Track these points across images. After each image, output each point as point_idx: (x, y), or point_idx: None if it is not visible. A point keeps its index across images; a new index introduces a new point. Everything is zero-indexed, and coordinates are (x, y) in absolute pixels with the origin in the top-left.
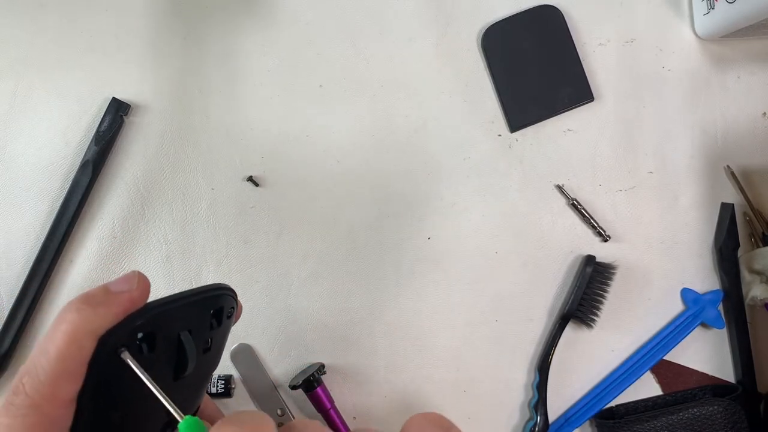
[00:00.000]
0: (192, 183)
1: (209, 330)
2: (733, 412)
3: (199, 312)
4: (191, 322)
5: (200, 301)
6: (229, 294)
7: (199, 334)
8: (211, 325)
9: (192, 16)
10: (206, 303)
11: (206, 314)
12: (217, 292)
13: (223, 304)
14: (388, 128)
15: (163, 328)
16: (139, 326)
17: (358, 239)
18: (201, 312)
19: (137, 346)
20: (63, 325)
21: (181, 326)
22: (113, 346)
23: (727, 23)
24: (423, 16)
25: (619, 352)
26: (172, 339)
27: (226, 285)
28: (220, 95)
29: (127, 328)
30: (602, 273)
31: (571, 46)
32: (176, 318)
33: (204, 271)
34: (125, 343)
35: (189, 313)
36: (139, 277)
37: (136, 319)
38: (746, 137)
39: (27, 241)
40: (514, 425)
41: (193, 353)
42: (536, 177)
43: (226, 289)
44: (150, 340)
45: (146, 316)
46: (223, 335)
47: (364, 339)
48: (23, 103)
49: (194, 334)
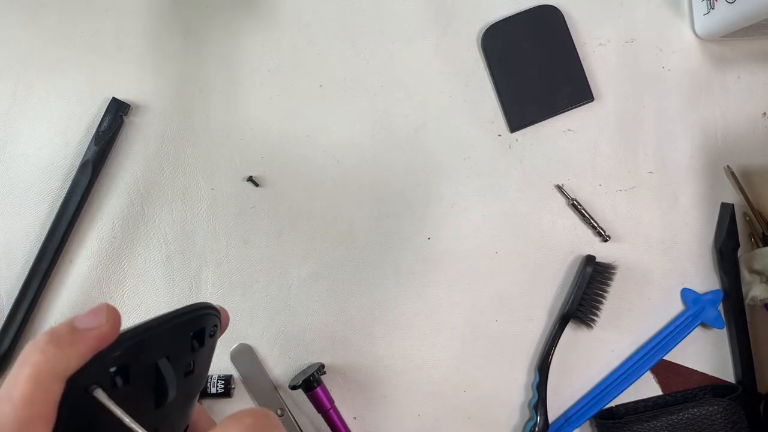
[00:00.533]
0: (192, 183)
1: (190, 353)
2: (733, 412)
3: (177, 336)
4: (169, 348)
5: (178, 326)
6: (209, 312)
7: (179, 359)
8: (192, 347)
9: (192, 17)
10: (184, 326)
11: (185, 337)
12: (197, 313)
13: (204, 325)
14: (388, 128)
15: (138, 358)
16: (110, 361)
17: (358, 239)
18: (179, 336)
19: (110, 380)
20: (25, 368)
21: (159, 353)
22: (83, 386)
23: (727, 23)
24: (423, 16)
25: (619, 352)
26: (150, 368)
27: (205, 304)
28: (220, 95)
29: (98, 366)
30: (602, 273)
31: (571, 46)
32: (152, 346)
33: (204, 271)
34: (97, 381)
35: (166, 339)
36: (108, 310)
37: (107, 356)
38: (746, 137)
39: (27, 241)
40: (514, 425)
41: (173, 380)
42: (536, 177)
43: (206, 307)
44: (124, 372)
45: (118, 350)
46: (207, 354)
47: (364, 339)
48: (23, 103)
49: (174, 360)
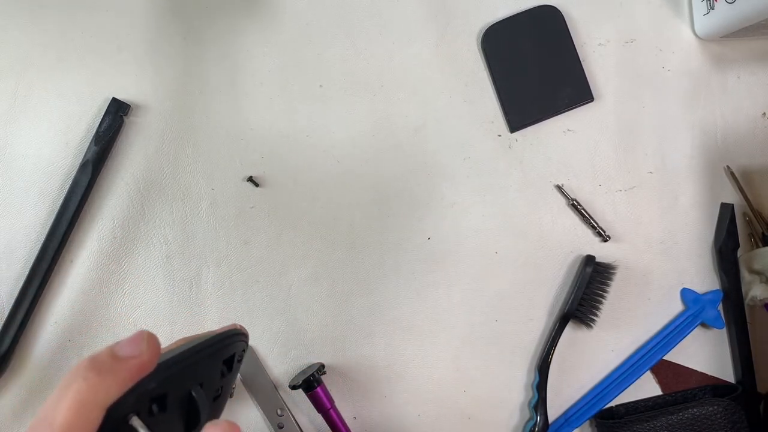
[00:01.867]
0: (192, 183)
1: (220, 378)
2: (732, 412)
3: (210, 364)
4: (203, 375)
5: (212, 354)
6: (241, 339)
7: (210, 385)
8: (222, 373)
9: (192, 16)
10: (217, 354)
11: (217, 364)
12: (229, 341)
13: (235, 351)
14: (388, 128)
15: (174, 387)
16: (149, 391)
17: (358, 239)
18: (213, 363)
19: (147, 408)
20: (70, 394)
21: (193, 382)
22: (123, 414)
23: (727, 23)
24: (423, 16)
25: (619, 352)
26: (184, 395)
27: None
28: (220, 95)
29: (137, 396)
30: (602, 273)
31: (571, 46)
32: (188, 375)
33: (204, 271)
34: (135, 410)
35: (201, 367)
36: (148, 340)
37: (146, 385)
38: (746, 137)
39: (27, 241)
40: (514, 425)
41: (206, 406)
42: (536, 177)
43: (238, 334)
44: (161, 401)
45: (156, 380)
46: (234, 377)
47: (364, 339)
48: (23, 103)
49: (205, 387)
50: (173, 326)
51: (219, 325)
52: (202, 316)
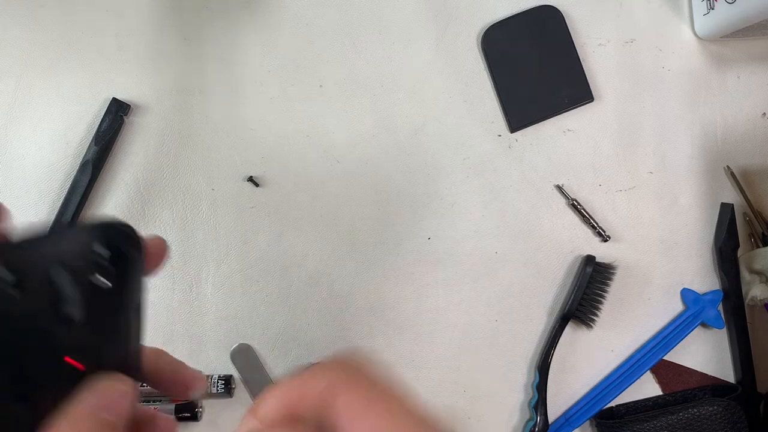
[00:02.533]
0: (192, 183)
1: (94, 264)
2: (732, 412)
3: (71, 241)
4: (63, 254)
5: (71, 231)
6: (122, 231)
7: (77, 268)
8: (99, 263)
9: (192, 17)
10: (79, 233)
11: (83, 244)
12: (100, 224)
13: (117, 243)
14: (388, 128)
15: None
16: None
17: (358, 239)
18: (74, 241)
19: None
20: None
21: (50, 256)
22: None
23: (727, 23)
24: (423, 16)
25: (619, 352)
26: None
27: (118, 222)
28: (220, 95)
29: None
30: (602, 273)
31: (571, 46)
32: (39, 247)
33: (204, 271)
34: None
35: (57, 243)
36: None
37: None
38: (746, 137)
39: None
40: (514, 425)
41: (73, 291)
42: (536, 177)
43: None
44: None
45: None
46: (130, 278)
47: (364, 339)
48: (23, 103)
49: (70, 268)
50: (173, 326)
51: (219, 324)
52: (202, 316)
